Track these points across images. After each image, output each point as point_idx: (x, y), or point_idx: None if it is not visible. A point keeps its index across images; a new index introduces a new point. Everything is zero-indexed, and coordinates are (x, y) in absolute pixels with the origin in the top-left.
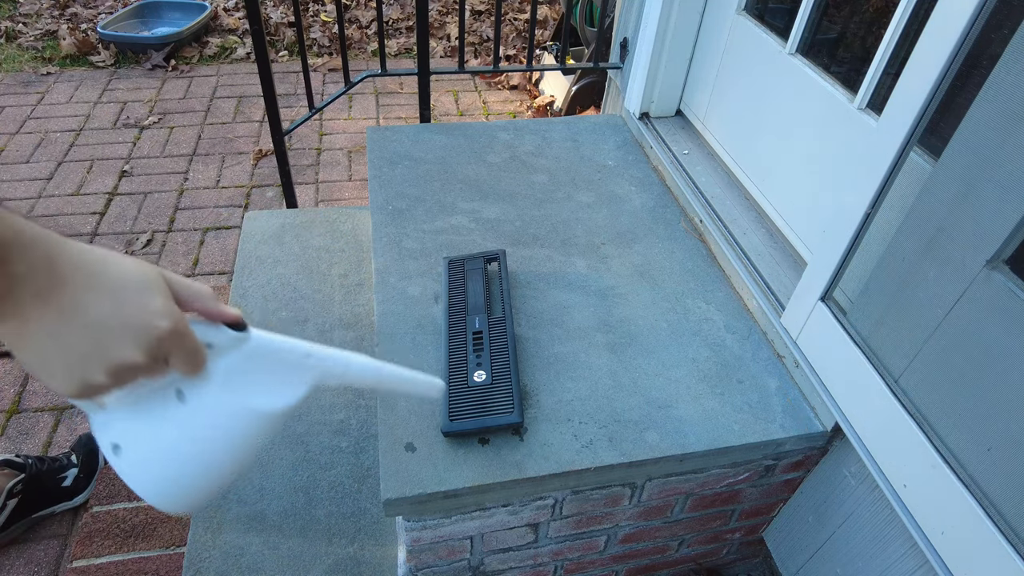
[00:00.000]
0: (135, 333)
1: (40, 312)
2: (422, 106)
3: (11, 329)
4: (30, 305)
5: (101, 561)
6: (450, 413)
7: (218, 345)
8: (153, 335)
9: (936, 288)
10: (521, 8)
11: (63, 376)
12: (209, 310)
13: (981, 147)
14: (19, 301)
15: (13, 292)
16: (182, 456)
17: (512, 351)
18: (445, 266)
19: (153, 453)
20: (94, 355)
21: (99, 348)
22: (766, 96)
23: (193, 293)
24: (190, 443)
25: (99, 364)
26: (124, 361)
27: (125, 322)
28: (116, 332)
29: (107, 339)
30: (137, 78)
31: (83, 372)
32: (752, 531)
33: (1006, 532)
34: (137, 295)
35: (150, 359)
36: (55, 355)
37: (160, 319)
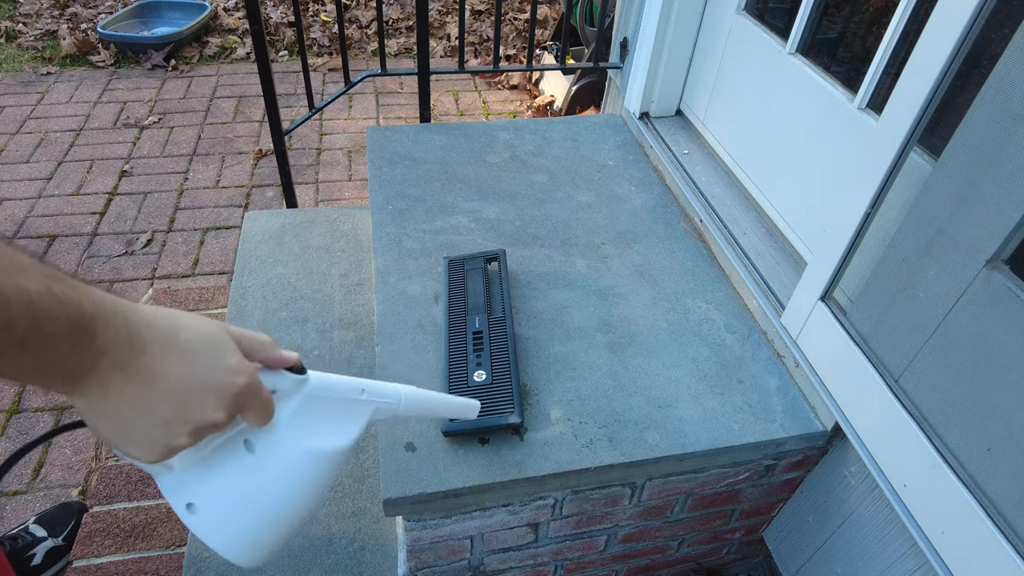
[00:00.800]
0: (216, 393)
1: (121, 383)
2: (422, 106)
3: (91, 401)
4: (112, 376)
5: (101, 561)
6: None
7: (281, 390)
8: (231, 392)
9: (936, 288)
10: (521, 8)
11: (146, 442)
12: (271, 357)
13: (981, 147)
14: (101, 373)
15: (97, 364)
16: (257, 506)
17: (512, 351)
18: (445, 266)
19: (228, 507)
20: (177, 419)
21: (182, 412)
22: (766, 96)
23: (256, 344)
24: (263, 492)
25: (182, 427)
26: (207, 421)
27: (205, 384)
28: (197, 394)
29: (189, 402)
30: (137, 78)
31: (166, 437)
32: (752, 531)
33: (1006, 532)
34: (212, 355)
35: (229, 415)
36: (138, 423)
37: (236, 376)
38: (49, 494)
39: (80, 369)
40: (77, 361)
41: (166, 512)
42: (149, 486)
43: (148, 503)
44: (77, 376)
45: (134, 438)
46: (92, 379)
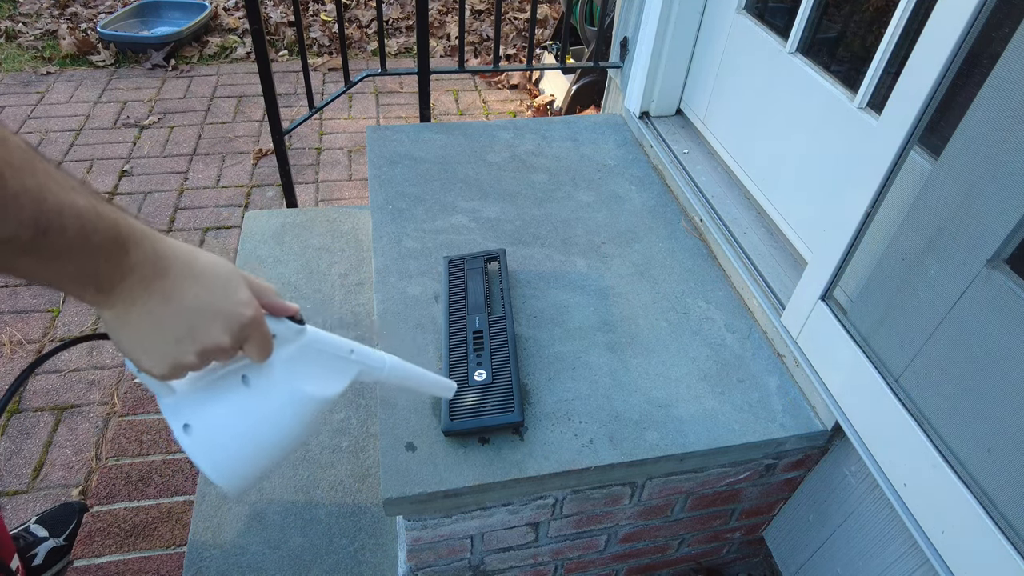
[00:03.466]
0: (224, 319)
1: (145, 298)
2: (422, 105)
3: (117, 313)
4: (137, 291)
5: (102, 561)
6: (451, 413)
7: (280, 335)
8: (239, 322)
9: (936, 287)
10: (521, 7)
11: (158, 356)
12: (274, 304)
13: (982, 146)
14: (128, 288)
15: (126, 279)
16: (245, 434)
17: (512, 350)
18: (445, 265)
19: (220, 431)
20: (188, 337)
21: (193, 331)
22: (766, 95)
23: (262, 289)
24: (253, 423)
25: (191, 346)
26: (213, 344)
27: (216, 309)
28: (208, 317)
29: (201, 323)
30: (137, 78)
31: (176, 353)
32: (752, 530)
33: (1007, 531)
34: (224, 286)
35: (234, 343)
36: (154, 337)
37: (245, 308)
38: (50, 494)
39: (112, 282)
40: (111, 274)
41: (166, 512)
42: (150, 486)
43: (148, 503)
44: (109, 287)
45: (149, 351)
46: (120, 292)
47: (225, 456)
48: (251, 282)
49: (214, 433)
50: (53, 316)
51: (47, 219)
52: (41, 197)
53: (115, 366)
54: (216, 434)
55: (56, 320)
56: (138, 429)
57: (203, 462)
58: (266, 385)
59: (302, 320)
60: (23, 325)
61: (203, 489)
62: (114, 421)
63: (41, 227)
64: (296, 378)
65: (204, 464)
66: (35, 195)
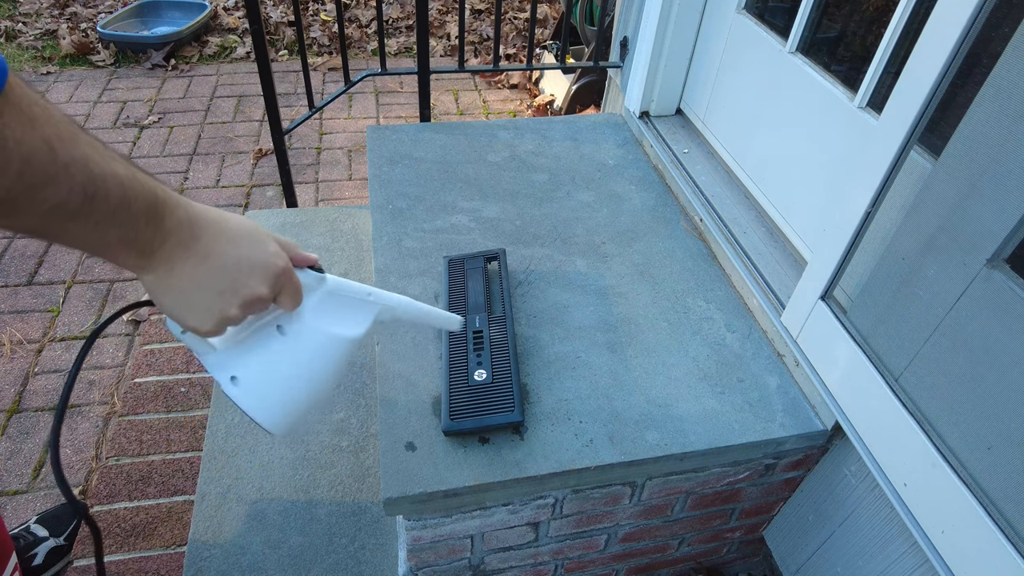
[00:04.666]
0: (260, 270)
1: (184, 260)
2: (422, 105)
3: (159, 277)
4: (176, 255)
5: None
6: (451, 412)
7: (306, 285)
8: (273, 272)
9: (936, 287)
10: (521, 7)
11: (203, 312)
12: (297, 255)
13: (981, 146)
14: (168, 251)
15: (165, 243)
16: (289, 379)
17: (512, 350)
18: (445, 265)
19: (264, 379)
20: (229, 291)
21: (233, 284)
22: (766, 95)
23: (285, 243)
24: (294, 367)
25: (234, 298)
26: (254, 294)
27: (252, 262)
28: (245, 270)
29: (240, 276)
30: (137, 77)
31: (220, 306)
32: (752, 530)
33: (1006, 531)
34: (255, 241)
35: (271, 292)
36: (197, 295)
37: (277, 259)
38: (50, 494)
39: (152, 246)
40: (150, 238)
41: (166, 512)
42: (150, 486)
43: (148, 503)
44: (149, 251)
45: (193, 309)
46: (160, 256)
47: (272, 401)
48: (275, 237)
49: (259, 381)
50: (53, 316)
51: (94, 186)
52: (87, 166)
53: (115, 366)
54: (261, 382)
55: (56, 320)
56: (138, 429)
57: (253, 409)
58: (299, 332)
59: (322, 269)
60: (23, 325)
61: (203, 489)
62: (114, 421)
63: (89, 193)
64: (324, 322)
65: (255, 411)
66: (82, 164)
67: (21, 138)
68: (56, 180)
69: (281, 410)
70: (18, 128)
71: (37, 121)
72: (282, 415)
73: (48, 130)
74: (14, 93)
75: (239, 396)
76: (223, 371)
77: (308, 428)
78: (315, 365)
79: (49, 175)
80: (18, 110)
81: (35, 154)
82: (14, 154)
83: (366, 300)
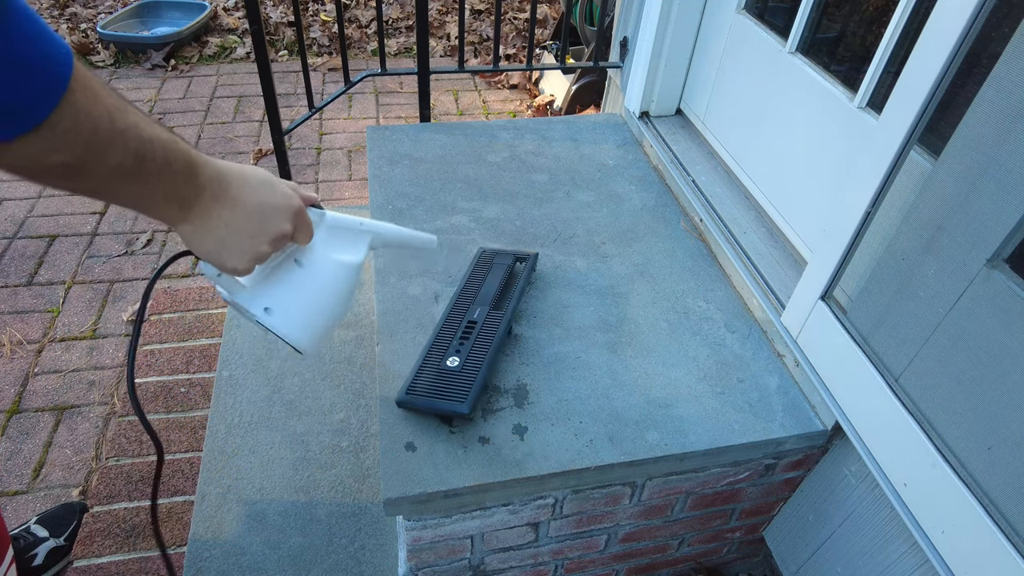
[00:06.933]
0: (282, 210)
1: (217, 209)
2: (422, 105)
3: (196, 226)
4: (211, 205)
5: (102, 561)
6: (408, 387)
7: (312, 221)
8: (292, 210)
9: (936, 287)
10: (521, 7)
11: (239, 253)
12: (304, 196)
13: (981, 145)
14: (204, 203)
15: (201, 196)
16: (313, 303)
17: (495, 347)
18: (476, 254)
19: (292, 305)
20: (260, 231)
21: (262, 225)
22: (766, 95)
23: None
24: (315, 293)
25: (264, 237)
26: (280, 231)
27: (275, 204)
28: (269, 211)
29: (267, 218)
30: (137, 78)
31: (254, 246)
32: (752, 530)
33: (1007, 531)
34: (272, 187)
35: (292, 228)
36: (233, 238)
37: (292, 199)
38: (50, 494)
39: (190, 200)
40: (188, 193)
41: (166, 512)
42: (149, 486)
43: (148, 503)
44: (188, 205)
45: (231, 250)
46: (198, 208)
47: (302, 323)
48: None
49: (289, 308)
50: (53, 316)
51: (144, 148)
52: (138, 131)
53: (115, 366)
54: (291, 308)
55: (56, 320)
56: (138, 429)
57: (288, 332)
58: (313, 262)
59: (321, 206)
60: (23, 325)
61: (203, 489)
62: (114, 421)
63: (141, 155)
64: (332, 251)
65: (289, 333)
66: (134, 130)
67: (90, 111)
68: (115, 144)
69: (311, 331)
70: (86, 102)
71: (99, 95)
72: (311, 335)
73: (108, 102)
74: (79, 72)
75: (275, 323)
76: (257, 304)
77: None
78: (332, 288)
79: (110, 140)
80: (84, 86)
81: (100, 123)
82: (84, 125)
83: (360, 229)
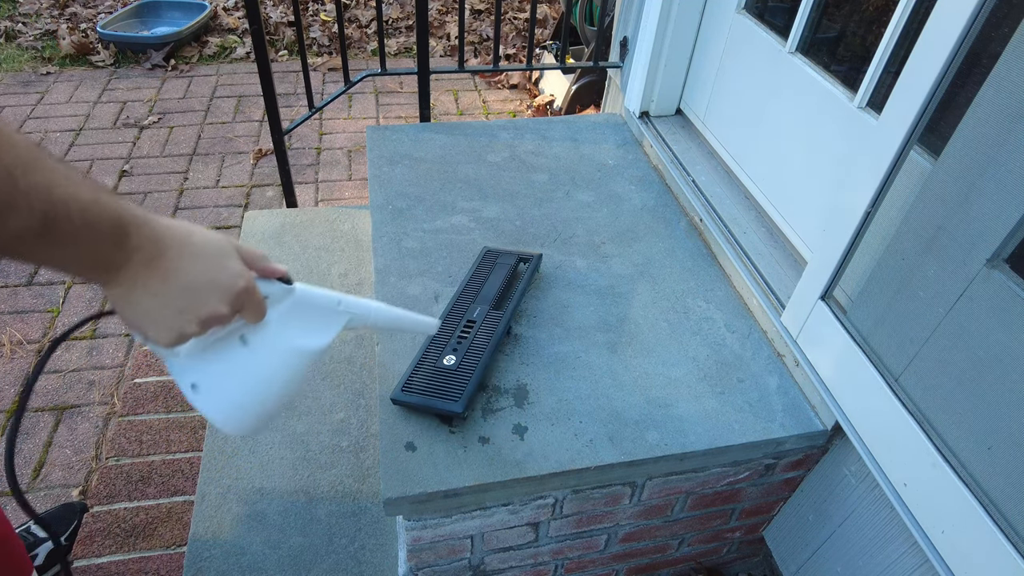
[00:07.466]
0: (220, 290)
1: (147, 277)
2: (422, 105)
3: (122, 292)
4: (140, 272)
5: (102, 561)
6: (404, 385)
7: (272, 296)
8: (233, 292)
9: (936, 287)
10: (521, 7)
11: (163, 328)
12: (265, 268)
13: (981, 145)
14: (132, 269)
15: (129, 260)
16: (246, 388)
17: (493, 347)
18: (480, 254)
19: (223, 388)
20: (189, 309)
21: (194, 303)
22: (766, 95)
23: (253, 256)
24: (253, 378)
25: (193, 316)
26: (212, 313)
27: (212, 282)
28: (205, 290)
29: (200, 296)
30: (137, 78)
31: (180, 324)
32: (752, 530)
33: (1006, 531)
34: (218, 259)
35: (231, 310)
36: (158, 311)
37: (237, 279)
38: (50, 494)
39: (116, 264)
40: (114, 256)
41: (166, 512)
42: (150, 486)
43: (148, 503)
44: (115, 268)
45: (155, 323)
46: (125, 272)
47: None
48: (243, 251)
49: (219, 390)
50: (53, 316)
51: (55, 211)
52: (49, 192)
53: (115, 366)
54: (221, 390)
55: (56, 320)
56: (138, 429)
57: (213, 416)
58: (262, 343)
59: (291, 280)
60: (23, 325)
61: (203, 489)
62: (114, 421)
63: (50, 218)
64: (289, 333)
65: (214, 417)
66: (43, 190)
67: None
68: (16, 207)
69: (240, 419)
70: None
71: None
72: (240, 423)
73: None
74: None
75: (199, 402)
76: (185, 377)
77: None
78: (276, 376)
79: (10, 203)
80: None
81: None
82: None
83: (335, 309)
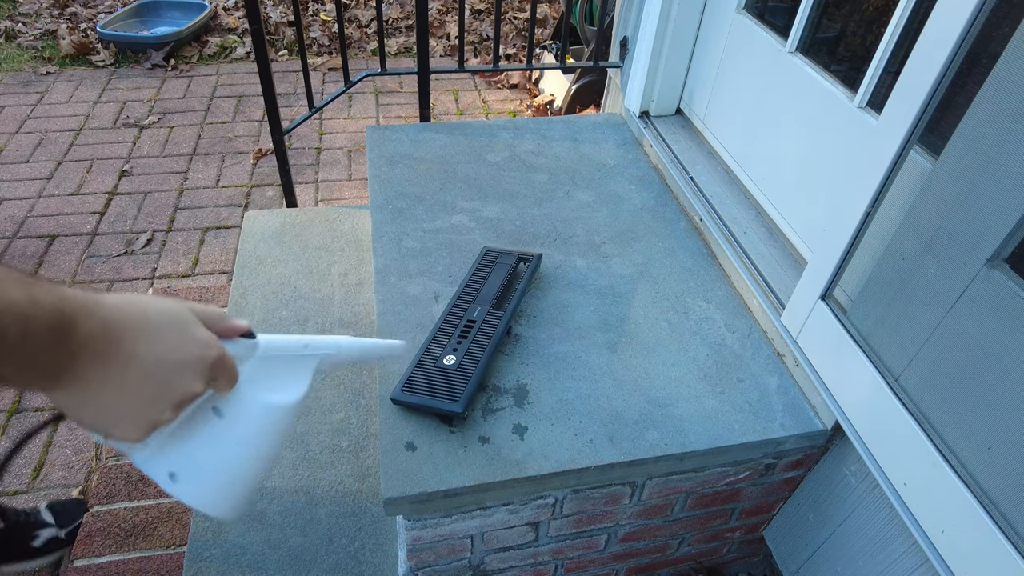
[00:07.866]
0: (192, 366)
1: (102, 372)
2: (422, 105)
3: (72, 393)
4: (91, 368)
5: (102, 561)
6: (404, 384)
7: (238, 355)
8: (206, 364)
9: (936, 287)
10: (521, 7)
11: (132, 423)
12: (226, 327)
13: (981, 145)
14: (81, 367)
15: (76, 358)
16: (229, 462)
17: (493, 347)
18: (481, 253)
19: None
20: (159, 395)
21: (165, 388)
22: (766, 95)
23: (212, 318)
24: (237, 449)
25: (166, 401)
26: (187, 392)
27: (181, 359)
28: (175, 369)
29: (171, 378)
30: (137, 77)
31: (151, 413)
32: (752, 530)
33: (1006, 531)
34: (182, 333)
35: (206, 385)
36: (122, 406)
37: (208, 348)
38: (50, 494)
39: (60, 365)
40: (58, 358)
41: (166, 512)
42: (150, 486)
43: (148, 503)
44: (58, 372)
45: (119, 420)
46: (72, 373)
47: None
48: (201, 314)
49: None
50: None
51: None
52: None
53: None
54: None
55: None
56: None
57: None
58: (236, 409)
59: (252, 333)
60: None
61: None
62: None
63: None
64: (262, 392)
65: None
66: None
67: None
68: None
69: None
70: None
71: None
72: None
73: None
74: None
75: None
76: (160, 469)
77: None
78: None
79: None
80: None
81: None
82: None
83: (303, 354)
